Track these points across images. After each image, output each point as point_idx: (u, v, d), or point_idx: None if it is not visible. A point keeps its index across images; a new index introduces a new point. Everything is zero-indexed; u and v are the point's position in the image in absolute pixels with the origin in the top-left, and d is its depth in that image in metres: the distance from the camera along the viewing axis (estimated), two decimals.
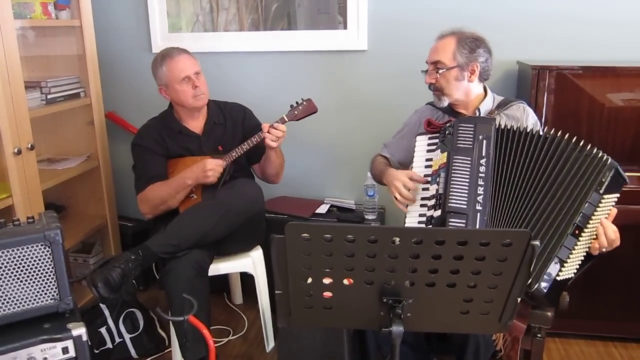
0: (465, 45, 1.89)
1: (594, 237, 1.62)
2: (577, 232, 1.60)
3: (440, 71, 1.90)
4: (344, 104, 2.80)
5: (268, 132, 2.19)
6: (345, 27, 2.69)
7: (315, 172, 2.92)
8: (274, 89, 2.84)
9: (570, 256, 1.60)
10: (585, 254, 1.63)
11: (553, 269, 1.58)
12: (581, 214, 1.61)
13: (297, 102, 2.29)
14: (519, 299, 1.20)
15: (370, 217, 2.63)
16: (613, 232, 1.62)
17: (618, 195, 1.66)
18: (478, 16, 2.51)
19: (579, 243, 1.61)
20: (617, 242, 1.63)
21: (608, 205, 1.64)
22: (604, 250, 1.62)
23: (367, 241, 1.12)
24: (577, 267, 1.62)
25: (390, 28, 2.65)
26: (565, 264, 1.59)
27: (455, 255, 1.12)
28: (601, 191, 1.62)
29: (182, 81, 2.22)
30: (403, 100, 2.44)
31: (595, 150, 1.65)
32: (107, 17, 2.90)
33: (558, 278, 1.58)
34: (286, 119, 2.25)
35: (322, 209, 2.72)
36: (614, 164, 1.64)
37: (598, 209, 1.62)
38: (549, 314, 1.80)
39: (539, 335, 1.87)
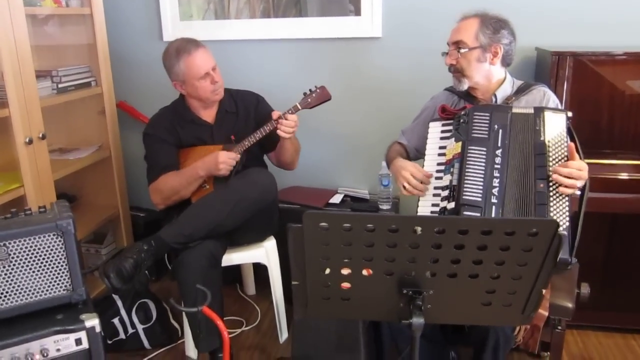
0: (488, 25, 1.83)
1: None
2: (542, 185, 1.58)
3: (462, 51, 1.84)
4: (358, 92, 2.75)
5: (278, 123, 2.16)
6: (358, 14, 2.64)
7: (328, 161, 2.89)
8: (286, 77, 2.81)
9: (552, 209, 1.55)
10: (567, 201, 1.57)
11: None
12: (537, 168, 1.61)
13: (310, 90, 2.25)
14: (544, 290, 1.17)
15: (384, 207, 2.59)
16: (575, 170, 1.56)
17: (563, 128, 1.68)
18: (495, 1, 2.45)
19: (551, 195, 1.57)
20: (585, 175, 1.58)
21: (560, 145, 1.64)
22: (577, 187, 1.58)
23: (387, 230, 1.08)
24: (567, 215, 1.55)
25: (405, 14, 2.60)
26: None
27: (479, 245, 1.09)
28: (542, 137, 1.65)
29: (201, 78, 2.19)
30: (418, 88, 2.39)
31: (523, 111, 1.71)
32: (118, 5, 2.87)
33: None
34: (299, 107, 2.21)
35: (336, 199, 2.69)
36: (538, 108, 1.70)
37: (550, 153, 1.62)
38: (570, 305, 1.76)
39: (559, 327, 1.83)
